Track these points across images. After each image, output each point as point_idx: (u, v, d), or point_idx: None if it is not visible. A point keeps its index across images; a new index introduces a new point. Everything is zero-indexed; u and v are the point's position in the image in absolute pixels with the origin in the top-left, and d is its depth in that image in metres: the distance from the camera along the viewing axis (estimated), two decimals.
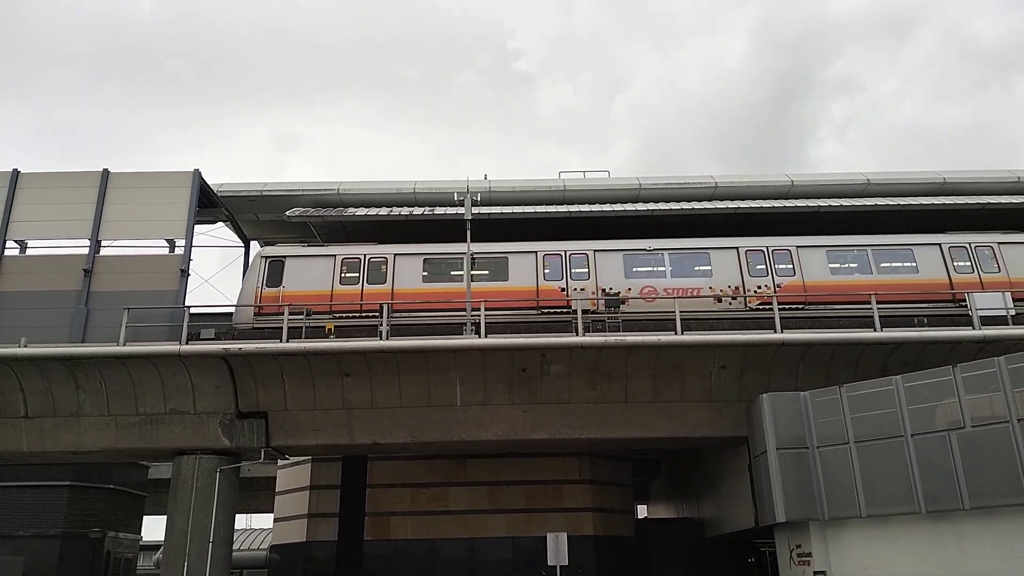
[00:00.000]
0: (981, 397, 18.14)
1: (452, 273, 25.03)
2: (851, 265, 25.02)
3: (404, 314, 23.70)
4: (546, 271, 24.87)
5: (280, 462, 30.10)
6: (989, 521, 17.58)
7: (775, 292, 23.99)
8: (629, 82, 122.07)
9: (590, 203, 27.95)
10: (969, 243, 25.08)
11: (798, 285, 24.43)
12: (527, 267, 24.88)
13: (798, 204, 27.19)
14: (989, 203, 27.11)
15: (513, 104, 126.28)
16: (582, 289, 24.28)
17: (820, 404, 20.89)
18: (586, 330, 22.24)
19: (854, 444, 19.94)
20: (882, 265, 24.96)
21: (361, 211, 27.35)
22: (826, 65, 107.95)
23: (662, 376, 23.00)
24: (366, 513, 28.21)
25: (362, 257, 24.99)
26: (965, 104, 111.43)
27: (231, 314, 24.28)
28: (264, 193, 27.92)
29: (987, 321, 22.13)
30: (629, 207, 27.39)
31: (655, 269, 25.00)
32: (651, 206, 27.42)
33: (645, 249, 25.16)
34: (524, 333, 22.73)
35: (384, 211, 27.26)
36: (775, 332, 21.92)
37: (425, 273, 24.99)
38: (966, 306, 23.01)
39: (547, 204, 27.75)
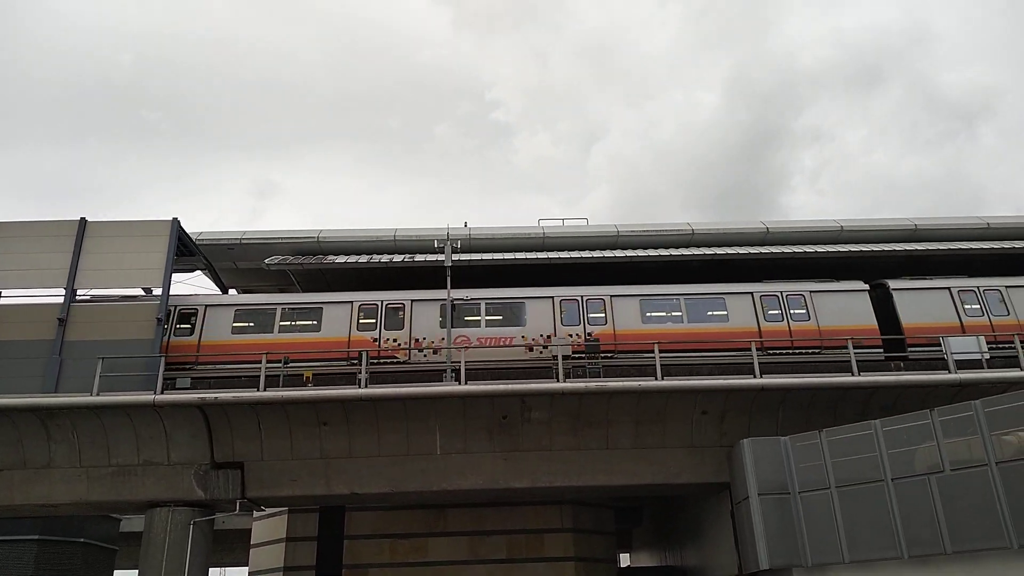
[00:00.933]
0: (959, 440, 18.25)
1: (269, 324, 24.57)
2: (665, 314, 25.16)
3: (212, 366, 23.42)
4: (360, 321, 24.57)
5: (256, 513, 29.49)
6: (971, 565, 17.53)
7: (585, 340, 24.09)
8: (605, 132, 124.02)
9: (569, 250, 28.16)
10: (781, 292, 25.34)
11: (609, 334, 24.50)
12: (341, 317, 24.57)
13: (773, 251, 27.56)
14: (960, 249, 27.66)
15: (492, 154, 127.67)
16: (395, 340, 24.07)
17: (801, 449, 20.88)
18: (568, 375, 22.21)
19: (835, 489, 19.92)
20: (695, 314, 25.09)
21: (341, 259, 27.34)
22: (797, 115, 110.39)
23: (644, 422, 22.94)
24: (344, 565, 27.59)
25: (172, 309, 24.40)
26: (934, 153, 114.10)
27: (203, 363, 23.86)
28: (243, 241, 27.88)
29: (963, 365, 22.39)
30: (608, 254, 27.62)
31: (470, 319, 24.92)
32: (629, 253, 27.66)
33: (462, 300, 25.00)
34: (504, 380, 22.66)
35: (364, 259, 27.26)
36: (755, 377, 22.02)
37: (236, 324, 24.55)
38: (772, 353, 23.42)
39: (527, 251, 27.92)
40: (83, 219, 24.00)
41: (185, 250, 25.43)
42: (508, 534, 27.88)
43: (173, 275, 24.20)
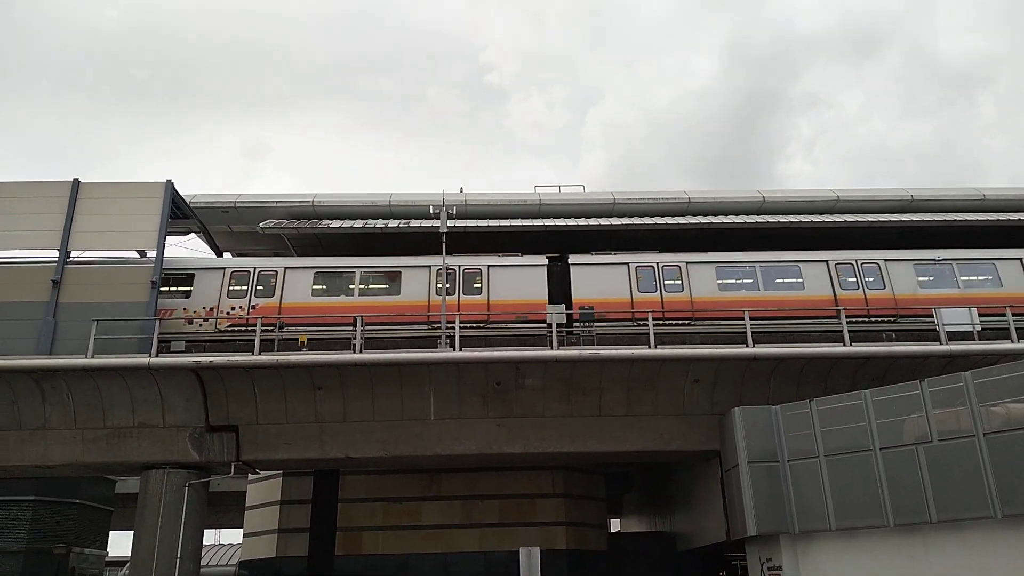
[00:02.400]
0: (948, 411, 18.43)
1: None
2: (334, 287, 24.88)
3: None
4: None
5: (250, 476, 29.75)
6: (955, 534, 17.84)
7: (248, 314, 23.84)
8: (601, 97, 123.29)
9: (565, 217, 28.09)
10: (459, 266, 25.00)
11: (274, 307, 24.26)
12: None
13: (769, 220, 27.55)
14: (956, 220, 27.66)
15: (486, 117, 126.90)
16: None
17: (791, 418, 21.09)
18: (560, 344, 22.30)
19: (824, 458, 20.15)
20: (364, 287, 24.88)
21: (336, 223, 27.27)
22: (794, 82, 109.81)
23: (636, 390, 23.11)
24: (337, 528, 27.92)
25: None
26: (930, 121, 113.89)
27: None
28: (238, 204, 27.75)
29: (954, 336, 22.52)
30: (604, 222, 27.57)
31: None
32: (625, 221, 27.63)
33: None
34: (499, 347, 22.74)
35: (359, 223, 27.21)
36: (747, 347, 22.14)
37: None
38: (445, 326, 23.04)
39: (523, 218, 27.85)
40: (76, 180, 23.81)
41: (179, 212, 25.30)
42: (500, 499, 28.19)
43: (167, 238, 24.09)
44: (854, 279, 25.08)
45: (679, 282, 25.06)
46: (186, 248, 27.52)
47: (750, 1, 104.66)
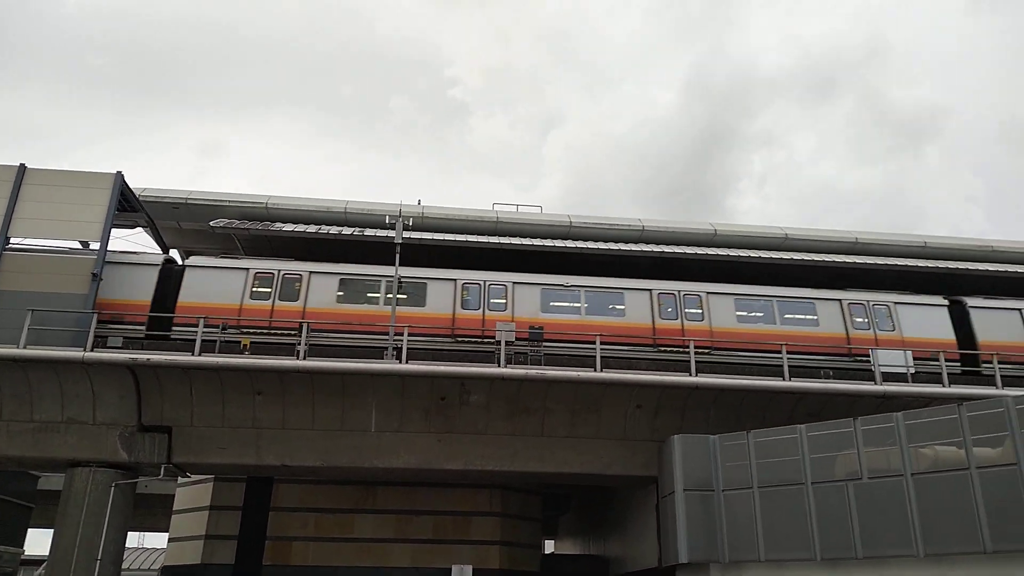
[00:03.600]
0: (879, 450, 18.90)
1: None
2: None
3: None
4: None
5: (180, 480, 28.98)
6: (880, 570, 18.20)
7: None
8: (562, 120, 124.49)
9: (522, 236, 28.25)
10: None
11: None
12: None
13: (719, 253, 28.07)
14: (896, 265, 28.55)
15: (448, 132, 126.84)
16: None
17: (728, 448, 21.38)
18: (508, 362, 22.31)
19: (757, 489, 20.45)
20: None
21: (289, 227, 26.94)
22: (751, 120, 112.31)
23: (580, 412, 23.20)
24: (267, 537, 27.32)
25: None
26: (879, 167, 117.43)
27: (143, 322, 23.21)
28: (189, 201, 27.25)
29: (888, 377, 23.16)
30: (559, 243, 27.78)
31: None
32: (580, 244, 27.87)
33: None
34: (445, 361, 22.64)
35: (312, 229, 26.92)
36: (690, 376, 22.43)
37: None
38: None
39: (480, 234, 27.87)
40: (22, 165, 23.14)
41: (127, 205, 24.70)
42: (436, 515, 27.94)
43: (112, 231, 23.49)
44: (500, 300, 24.98)
45: (297, 289, 24.50)
46: (132, 242, 26.87)
47: (713, 36, 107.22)
